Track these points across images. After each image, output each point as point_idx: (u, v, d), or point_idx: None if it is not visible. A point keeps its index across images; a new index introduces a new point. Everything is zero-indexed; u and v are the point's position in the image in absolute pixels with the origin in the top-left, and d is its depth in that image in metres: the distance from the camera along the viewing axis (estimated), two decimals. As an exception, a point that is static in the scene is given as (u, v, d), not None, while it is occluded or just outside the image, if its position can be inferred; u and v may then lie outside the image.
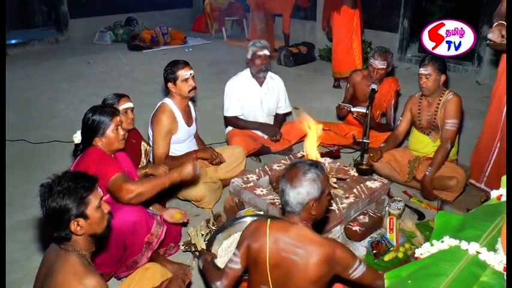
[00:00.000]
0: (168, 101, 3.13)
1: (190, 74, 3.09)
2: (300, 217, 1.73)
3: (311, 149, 2.72)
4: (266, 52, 3.72)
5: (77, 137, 2.44)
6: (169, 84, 3.09)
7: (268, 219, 1.81)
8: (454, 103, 3.16)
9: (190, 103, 3.31)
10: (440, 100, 3.22)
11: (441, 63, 3.17)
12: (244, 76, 3.84)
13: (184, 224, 2.79)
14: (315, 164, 1.75)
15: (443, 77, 3.17)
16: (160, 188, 2.32)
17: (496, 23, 2.81)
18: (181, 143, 3.23)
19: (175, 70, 3.05)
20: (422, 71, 3.16)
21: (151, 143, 3.15)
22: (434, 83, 3.15)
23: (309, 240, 1.70)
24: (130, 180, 2.28)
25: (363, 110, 3.62)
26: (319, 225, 2.40)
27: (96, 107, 2.35)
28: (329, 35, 6.01)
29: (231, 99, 3.80)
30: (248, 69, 3.85)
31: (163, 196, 2.91)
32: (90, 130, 2.29)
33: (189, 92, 3.10)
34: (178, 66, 3.07)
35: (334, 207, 2.64)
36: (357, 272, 1.73)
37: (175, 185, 2.51)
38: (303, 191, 1.68)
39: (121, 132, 2.34)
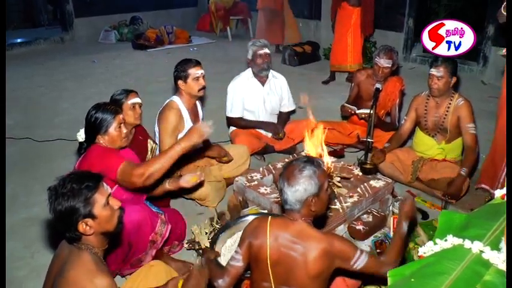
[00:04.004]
0: (176, 99, 3.13)
1: (201, 73, 3.10)
2: (300, 214, 1.73)
3: (316, 148, 2.72)
4: (266, 50, 3.72)
5: (81, 135, 2.44)
6: (180, 82, 3.08)
7: (269, 217, 1.81)
8: (469, 108, 3.14)
9: (198, 102, 3.31)
10: (450, 104, 3.18)
11: (454, 65, 3.12)
12: (246, 76, 3.83)
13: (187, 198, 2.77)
14: (311, 160, 1.74)
15: (454, 79, 3.13)
16: (171, 161, 2.17)
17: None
18: None
19: (187, 68, 3.06)
20: (434, 72, 3.11)
21: (157, 140, 3.15)
22: (445, 84, 3.11)
23: (307, 236, 1.70)
24: (137, 165, 2.22)
25: (368, 111, 3.60)
26: (322, 222, 2.40)
27: (99, 105, 2.33)
28: (333, 28, 6.07)
29: (233, 100, 3.80)
30: (250, 69, 3.84)
31: (168, 196, 2.93)
32: (93, 127, 2.28)
33: (198, 91, 3.10)
34: (189, 65, 3.07)
35: (337, 206, 2.64)
36: (359, 262, 1.72)
37: (184, 189, 2.58)
38: (300, 188, 1.67)
39: (124, 130, 2.32)
